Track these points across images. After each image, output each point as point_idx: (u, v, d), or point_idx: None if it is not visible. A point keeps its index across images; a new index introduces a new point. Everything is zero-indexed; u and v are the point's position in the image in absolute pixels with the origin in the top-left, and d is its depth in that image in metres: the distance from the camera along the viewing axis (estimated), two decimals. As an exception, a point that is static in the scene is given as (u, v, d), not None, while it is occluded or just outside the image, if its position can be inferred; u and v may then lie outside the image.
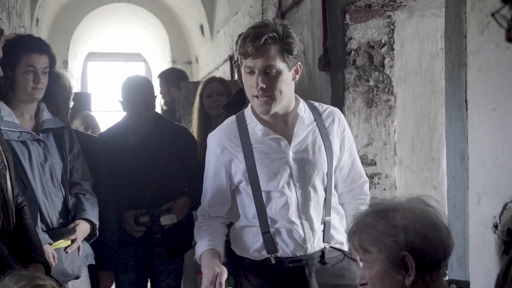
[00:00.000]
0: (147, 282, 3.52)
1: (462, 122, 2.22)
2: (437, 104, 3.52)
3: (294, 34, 2.23)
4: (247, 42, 2.19)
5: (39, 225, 2.68)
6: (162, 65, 9.56)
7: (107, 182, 3.20)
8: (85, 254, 2.90)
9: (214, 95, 3.90)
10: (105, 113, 11.09)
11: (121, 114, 3.73)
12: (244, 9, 5.90)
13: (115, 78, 10.87)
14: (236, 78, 3.62)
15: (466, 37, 2.16)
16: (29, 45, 2.79)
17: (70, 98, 3.47)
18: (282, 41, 2.19)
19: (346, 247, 2.34)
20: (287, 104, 2.29)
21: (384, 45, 3.45)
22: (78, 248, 2.82)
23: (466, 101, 2.19)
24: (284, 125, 2.31)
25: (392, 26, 3.46)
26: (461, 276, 2.23)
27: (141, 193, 3.32)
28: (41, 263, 2.36)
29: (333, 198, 2.35)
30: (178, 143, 3.43)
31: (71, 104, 3.54)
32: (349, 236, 1.75)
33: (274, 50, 2.19)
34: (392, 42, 3.46)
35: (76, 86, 8.42)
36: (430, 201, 1.71)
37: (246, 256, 2.35)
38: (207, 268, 2.22)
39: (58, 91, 3.24)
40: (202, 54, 8.47)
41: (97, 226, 2.90)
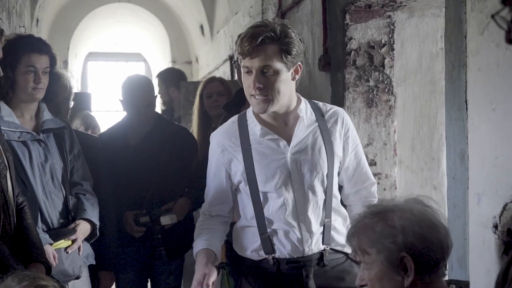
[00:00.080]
0: (147, 282, 3.52)
1: (462, 122, 2.22)
2: (437, 104, 3.52)
3: (293, 34, 2.21)
4: (244, 42, 2.18)
5: (40, 225, 2.69)
6: (162, 65, 9.55)
7: (107, 182, 3.20)
8: (85, 254, 2.90)
9: (214, 95, 3.90)
10: (105, 113, 11.09)
11: (121, 114, 3.73)
12: (244, 9, 5.90)
13: (115, 78, 10.87)
14: (236, 78, 3.62)
15: (466, 37, 2.16)
16: (29, 45, 2.79)
17: (71, 98, 3.47)
18: (280, 41, 2.18)
19: (349, 249, 2.30)
20: (287, 104, 2.27)
21: (384, 45, 3.45)
22: (79, 248, 2.82)
23: (466, 101, 2.19)
24: (284, 125, 2.30)
25: (392, 26, 3.45)
26: (461, 276, 2.23)
27: (141, 193, 3.32)
28: (42, 263, 2.36)
29: (334, 200, 2.33)
30: (178, 143, 3.42)
31: (71, 104, 3.55)
32: (348, 237, 1.75)
33: (271, 50, 2.17)
34: (392, 42, 3.46)
35: (76, 86, 8.41)
36: (428, 201, 1.71)
37: (246, 256, 2.35)
38: (197, 268, 2.23)
39: (59, 91, 3.25)
40: (202, 54, 8.46)
41: (97, 226, 2.91)
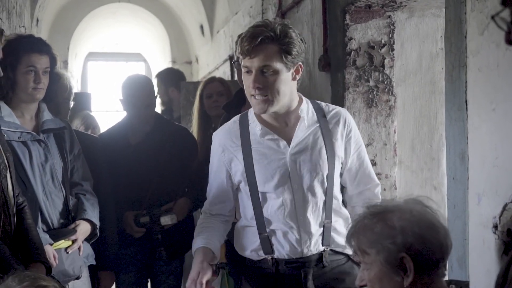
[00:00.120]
0: (147, 282, 3.52)
1: (462, 122, 2.22)
2: (437, 104, 3.52)
3: (293, 34, 2.20)
4: (244, 41, 2.18)
5: (40, 225, 2.68)
6: (162, 65, 9.55)
7: (108, 182, 3.20)
8: (85, 254, 2.90)
9: (214, 95, 3.90)
10: (105, 113, 11.08)
11: (121, 114, 3.73)
12: (244, 9, 5.90)
13: (115, 78, 10.86)
14: (236, 78, 3.62)
15: (466, 37, 2.16)
16: (29, 45, 2.79)
17: (71, 98, 3.47)
18: (279, 40, 2.17)
19: (350, 251, 2.30)
20: (288, 104, 2.27)
21: (384, 45, 3.45)
22: (79, 248, 2.82)
23: (466, 101, 2.18)
24: (285, 125, 2.30)
25: (392, 27, 3.45)
26: (461, 276, 2.23)
27: (141, 193, 3.32)
28: (42, 263, 2.36)
29: (335, 201, 2.32)
30: (179, 143, 3.42)
31: (71, 104, 3.55)
32: (347, 238, 1.76)
33: (271, 50, 2.17)
34: (392, 42, 3.46)
35: (76, 86, 8.41)
36: (427, 202, 1.71)
37: (245, 255, 2.35)
38: (193, 266, 2.23)
39: (59, 91, 3.24)
40: (202, 54, 8.46)
41: (97, 226, 2.91)
